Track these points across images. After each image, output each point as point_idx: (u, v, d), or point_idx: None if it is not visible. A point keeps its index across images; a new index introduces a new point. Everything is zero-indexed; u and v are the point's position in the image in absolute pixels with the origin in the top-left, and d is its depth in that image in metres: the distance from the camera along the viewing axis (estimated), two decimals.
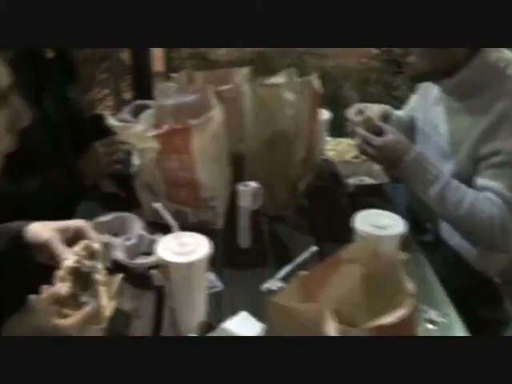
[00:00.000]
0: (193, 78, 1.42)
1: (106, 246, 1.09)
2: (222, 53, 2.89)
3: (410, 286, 0.75)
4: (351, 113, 1.51)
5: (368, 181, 1.63)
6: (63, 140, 1.41)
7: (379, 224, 1.10)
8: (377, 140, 1.37)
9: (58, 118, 1.39)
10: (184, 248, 0.95)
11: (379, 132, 1.39)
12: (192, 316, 1.01)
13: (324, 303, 0.78)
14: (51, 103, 1.37)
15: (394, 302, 0.78)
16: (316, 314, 0.68)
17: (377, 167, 1.61)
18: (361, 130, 1.40)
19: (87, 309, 0.82)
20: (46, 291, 0.81)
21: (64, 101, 1.43)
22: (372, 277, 0.78)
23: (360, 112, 1.47)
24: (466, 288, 1.39)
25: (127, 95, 2.80)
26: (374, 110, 1.51)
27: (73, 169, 1.37)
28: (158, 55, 2.67)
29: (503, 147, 1.26)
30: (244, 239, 1.29)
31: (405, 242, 1.11)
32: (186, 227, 1.00)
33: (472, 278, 1.45)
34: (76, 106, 1.49)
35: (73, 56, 1.50)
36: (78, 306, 0.83)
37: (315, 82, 1.36)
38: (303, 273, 0.77)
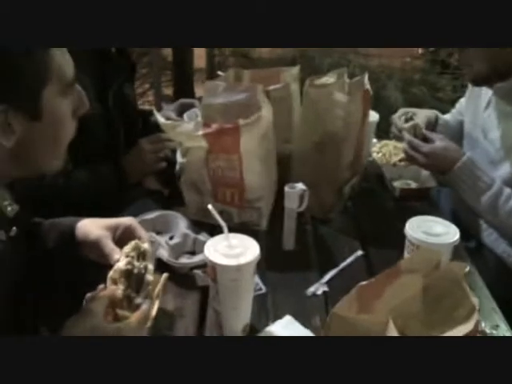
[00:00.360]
0: (240, 76, 1.40)
1: (151, 244, 1.08)
2: (264, 50, 2.86)
3: (474, 300, 0.72)
4: (397, 117, 1.48)
5: (414, 185, 1.59)
6: (119, 136, 1.41)
7: (432, 231, 1.07)
8: (425, 146, 1.33)
9: (116, 114, 1.39)
10: (233, 250, 0.93)
11: (426, 139, 1.36)
12: (237, 319, 0.99)
13: (379, 313, 0.75)
14: (113, 99, 1.38)
15: (455, 315, 0.75)
16: (379, 326, 0.66)
17: (424, 171, 1.57)
18: (408, 136, 1.37)
19: (143, 310, 0.82)
20: (102, 293, 0.81)
21: (123, 97, 1.44)
22: (432, 288, 0.75)
23: (406, 116, 1.44)
24: (510, 296, 1.34)
25: (167, 91, 2.80)
26: (421, 115, 1.47)
27: (119, 165, 1.37)
28: (199, 52, 2.66)
29: None
30: (288, 241, 1.26)
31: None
32: (229, 227, 0.98)
33: None
34: (131, 102, 1.49)
35: (131, 52, 1.51)
36: (133, 307, 0.82)
37: (366, 82, 1.32)
38: (362, 283, 0.74)
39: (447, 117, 1.65)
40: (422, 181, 1.59)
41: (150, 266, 0.89)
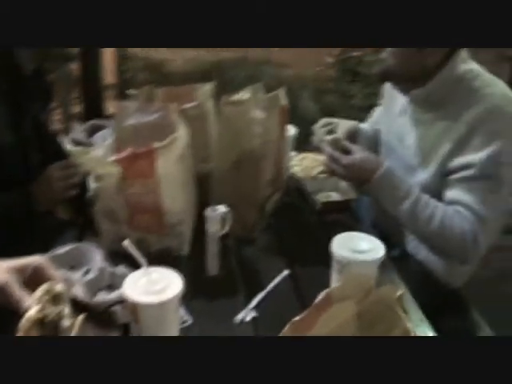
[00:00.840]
0: (153, 94, 1.34)
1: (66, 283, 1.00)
2: (177, 64, 2.79)
3: (407, 324, 0.70)
4: (318, 128, 1.47)
5: (335, 197, 1.59)
6: (32, 163, 1.31)
7: (358, 248, 1.06)
8: (345, 159, 1.33)
9: (31, 140, 1.30)
10: (154, 286, 0.87)
11: (347, 150, 1.36)
12: None
13: None
14: (29, 125, 1.30)
15: None
16: None
17: (343, 182, 1.57)
18: (328, 149, 1.36)
19: None
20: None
21: (38, 122, 1.35)
22: (365, 314, 0.73)
23: (327, 128, 1.43)
24: (434, 301, 1.36)
25: (75, 109, 2.67)
26: (342, 126, 1.48)
27: (29, 193, 1.27)
28: (109, 66, 2.56)
29: (473, 161, 1.25)
30: (212, 266, 1.21)
31: None
32: (149, 255, 0.92)
33: (439, 291, 1.44)
34: (46, 126, 1.40)
35: (48, 73, 1.42)
36: None
37: (282, 97, 1.30)
38: (294, 319, 0.71)
39: (365, 126, 1.67)
40: (342, 191, 1.59)
41: (66, 310, 0.80)
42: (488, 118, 1.24)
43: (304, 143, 1.66)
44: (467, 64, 1.32)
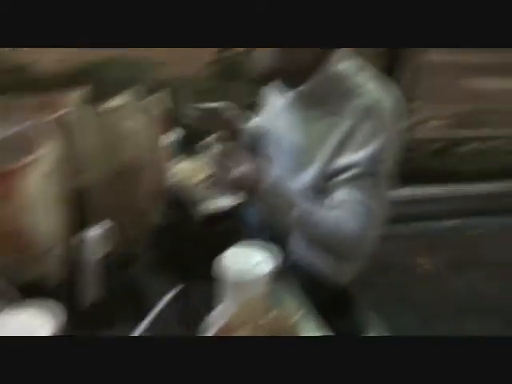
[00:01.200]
0: (15, 103, 1.19)
1: None
2: (42, 66, 2.54)
3: None
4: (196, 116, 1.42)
5: (222, 202, 1.54)
6: None
7: (249, 262, 1.01)
8: (230, 174, 1.28)
9: None
10: (26, 327, 0.76)
11: (233, 162, 1.30)
12: None
13: None
14: None
15: None
16: None
17: None
18: (214, 164, 1.31)
19: None
20: None
21: None
22: None
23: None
24: (324, 303, 1.36)
25: None
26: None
27: None
28: None
29: (356, 160, 1.25)
30: (93, 292, 1.11)
31: None
32: (20, 288, 0.81)
33: (328, 292, 1.44)
34: None
35: None
36: None
37: (163, 100, 1.23)
38: None
39: (253, 125, 1.64)
40: (228, 197, 1.54)
41: None
42: (367, 115, 1.24)
43: (187, 148, 1.59)
44: (348, 59, 1.32)
